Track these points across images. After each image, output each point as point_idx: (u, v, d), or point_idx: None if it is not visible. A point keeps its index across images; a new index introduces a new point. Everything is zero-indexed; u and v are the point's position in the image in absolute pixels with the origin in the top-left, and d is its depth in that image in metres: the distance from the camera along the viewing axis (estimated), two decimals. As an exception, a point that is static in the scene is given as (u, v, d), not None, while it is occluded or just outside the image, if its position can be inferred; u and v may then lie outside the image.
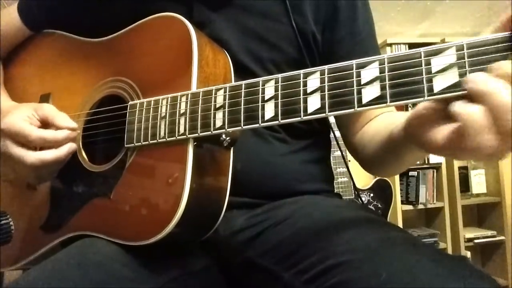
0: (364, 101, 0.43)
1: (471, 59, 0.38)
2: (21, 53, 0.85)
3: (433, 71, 0.40)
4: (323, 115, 0.45)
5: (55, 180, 0.70)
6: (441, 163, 2.71)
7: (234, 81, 0.66)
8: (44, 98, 0.77)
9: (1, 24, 0.81)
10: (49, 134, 0.65)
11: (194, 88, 0.57)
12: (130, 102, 0.63)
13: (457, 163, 2.69)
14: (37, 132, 0.65)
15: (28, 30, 0.83)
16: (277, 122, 0.48)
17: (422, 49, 0.41)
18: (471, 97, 0.38)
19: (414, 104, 0.44)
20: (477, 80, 0.38)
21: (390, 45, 2.75)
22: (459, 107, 0.39)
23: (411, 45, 2.76)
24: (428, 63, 0.40)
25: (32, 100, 0.78)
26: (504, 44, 0.37)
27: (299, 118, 0.46)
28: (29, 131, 0.65)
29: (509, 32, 0.37)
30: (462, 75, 0.39)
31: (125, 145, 0.62)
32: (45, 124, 0.67)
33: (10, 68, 0.86)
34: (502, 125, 0.37)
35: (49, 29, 0.82)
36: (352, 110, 0.43)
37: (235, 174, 0.62)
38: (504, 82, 0.37)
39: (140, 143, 0.60)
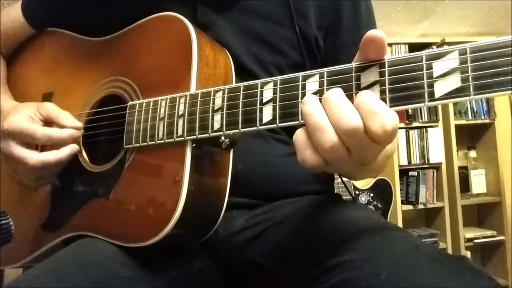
0: (363, 105, 0.42)
1: (474, 63, 0.37)
2: (24, 51, 0.85)
3: (434, 75, 0.39)
4: None
5: (55, 179, 0.69)
6: (441, 163, 2.70)
7: (235, 82, 0.65)
8: (47, 97, 0.77)
9: (4, 22, 0.81)
10: (54, 132, 0.65)
11: (193, 89, 0.57)
12: (130, 103, 0.63)
13: (457, 163, 2.68)
14: (42, 130, 0.65)
15: (31, 29, 0.82)
16: (275, 125, 0.47)
17: (423, 53, 0.40)
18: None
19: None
20: (304, 101, 0.43)
21: (390, 45, 2.74)
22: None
23: (411, 45, 2.75)
24: (429, 67, 0.39)
25: (34, 99, 0.77)
26: (509, 49, 0.36)
27: (296, 122, 0.46)
28: (34, 129, 0.64)
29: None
30: (464, 80, 0.38)
31: (124, 146, 0.62)
32: (48, 123, 0.67)
33: (13, 66, 0.86)
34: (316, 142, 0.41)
35: (52, 28, 0.82)
36: None
37: (235, 174, 0.62)
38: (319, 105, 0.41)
39: (139, 144, 0.60)
